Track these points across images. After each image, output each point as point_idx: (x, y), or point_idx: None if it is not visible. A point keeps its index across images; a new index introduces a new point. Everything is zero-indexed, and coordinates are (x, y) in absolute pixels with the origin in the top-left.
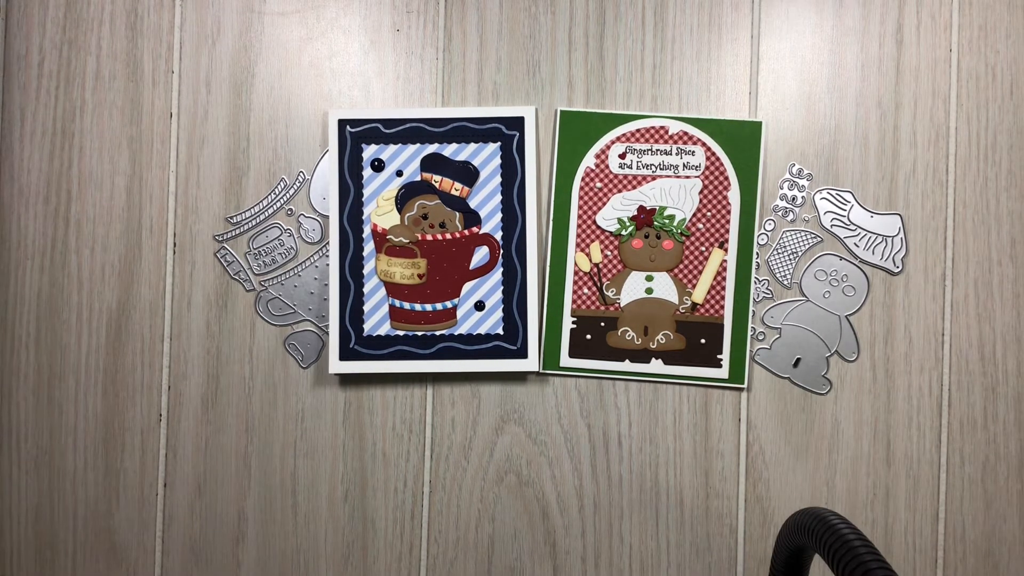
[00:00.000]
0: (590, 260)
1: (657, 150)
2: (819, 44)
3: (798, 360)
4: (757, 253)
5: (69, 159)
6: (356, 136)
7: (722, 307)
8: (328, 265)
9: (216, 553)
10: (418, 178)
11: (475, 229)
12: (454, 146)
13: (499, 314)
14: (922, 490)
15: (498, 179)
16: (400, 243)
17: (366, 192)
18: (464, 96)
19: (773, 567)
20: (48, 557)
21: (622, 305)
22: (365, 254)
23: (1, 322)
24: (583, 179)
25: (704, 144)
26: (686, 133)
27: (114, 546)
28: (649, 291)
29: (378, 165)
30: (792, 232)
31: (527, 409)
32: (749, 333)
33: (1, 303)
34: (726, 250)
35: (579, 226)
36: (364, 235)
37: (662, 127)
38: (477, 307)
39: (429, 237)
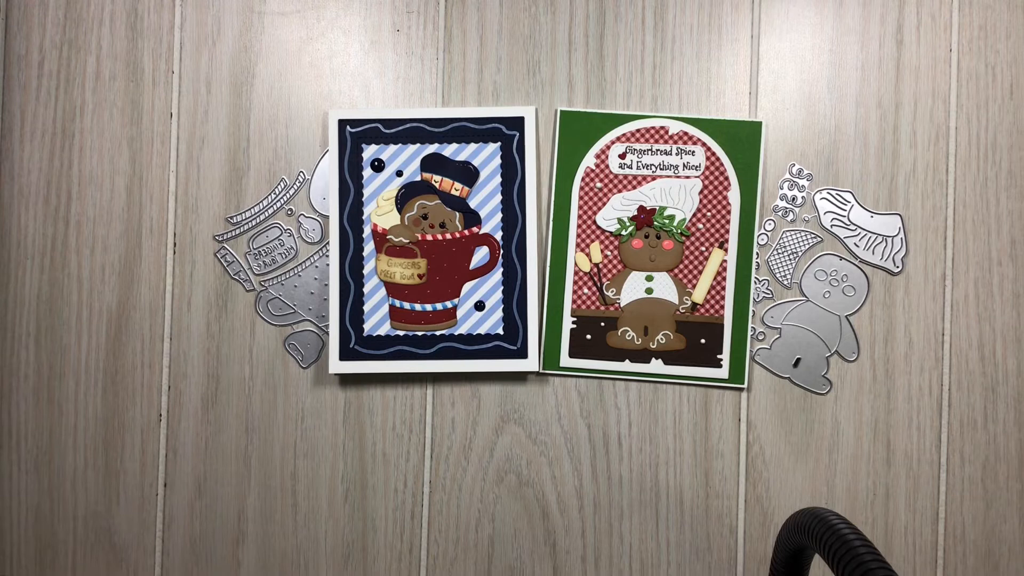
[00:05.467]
0: (590, 260)
1: (657, 150)
2: (819, 44)
3: (798, 360)
4: (757, 253)
5: (69, 159)
6: (356, 136)
7: (722, 307)
8: (328, 265)
9: (216, 553)
10: (418, 178)
11: (475, 229)
12: (454, 146)
13: (499, 314)
14: (922, 490)
15: (498, 179)
16: (400, 243)
17: (366, 192)
18: (464, 96)
19: (773, 567)
20: (48, 557)
21: (622, 305)
22: (365, 254)
23: (1, 322)
24: (583, 179)
25: (704, 144)
26: (686, 133)
27: (114, 546)
28: (649, 291)
29: (378, 165)
30: (792, 232)
31: (527, 409)
32: (749, 333)
33: (1, 303)
34: (726, 250)
35: (579, 226)
36: (364, 235)
37: (662, 127)
38: (477, 307)
39: (429, 237)
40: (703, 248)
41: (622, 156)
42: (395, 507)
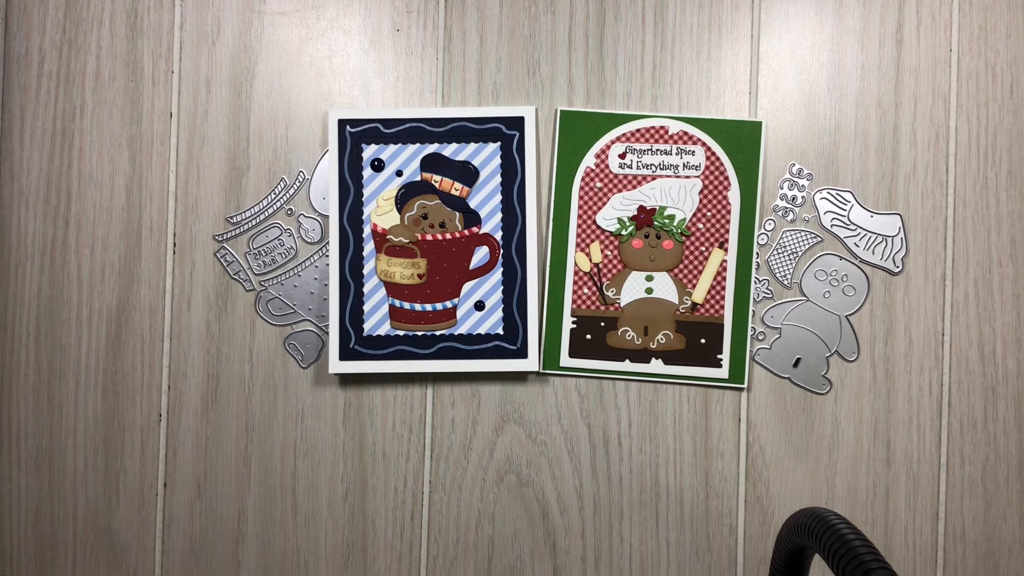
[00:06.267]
0: (590, 260)
1: (657, 150)
2: (819, 44)
3: (798, 360)
4: (757, 253)
5: (69, 159)
6: (356, 136)
7: (722, 307)
8: (328, 265)
9: (216, 553)
10: (418, 178)
11: (475, 229)
12: (454, 146)
13: (499, 314)
14: (922, 490)
15: (498, 179)
16: (400, 243)
17: (366, 192)
18: (464, 96)
19: (773, 567)
20: (48, 557)
21: (622, 305)
22: (365, 254)
23: (1, 322)
24: (583, 179)
25: (704, 144)
26: (686, 133)
27: (114, 546)
28: (649, 291)
29: (378, 165)
30: (792, 232)
31: (527, 409)
32: (749, 333)
33: (1, 303)
34: (726, 250)
35: (579, 226)
36: (364, 235)
37: (662, 127)
38: (477, 307)
39: (429, 237)
40: (703, 248)
41: (622, 156)
42: (395, 507)
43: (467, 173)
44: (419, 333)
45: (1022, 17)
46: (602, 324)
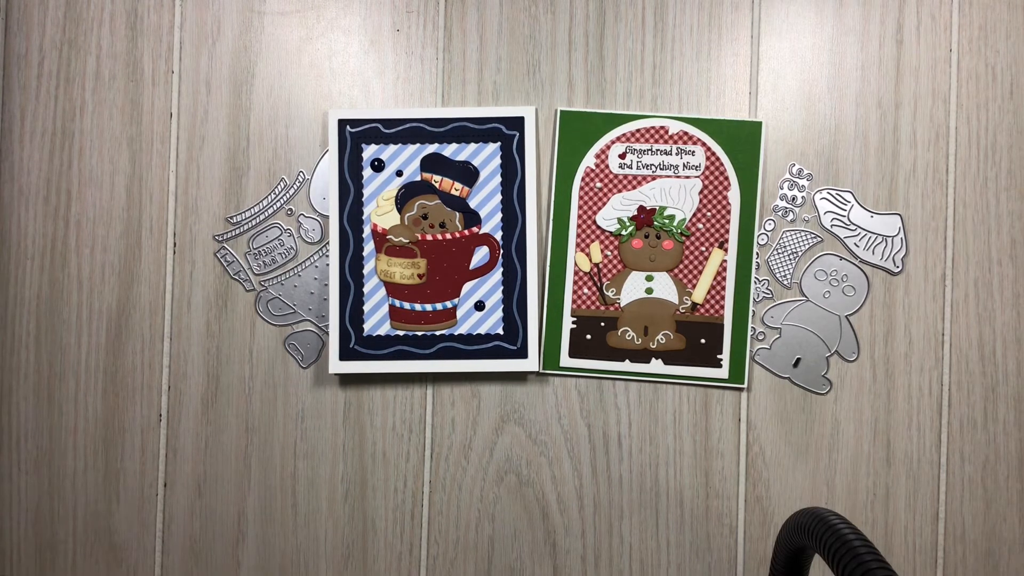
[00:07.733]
0: (590, 260)
1: (657, 150)
2: (819, 44)
3: (798, 360)
4: (757, 253)
5: (69, 159)
6: (356, 136)
7: (722, 307)
8: (328, 265)
9: (216, 553)
10: (418, 178)
11: (475, 229)
12: (454, 146)
13: (499, 314)
14: (922, 490)
15: (498, 179)
16: (400, 243)
17: (366, 192)
18: (464, 96)
19: (773, 567)
20: (48, 557)
21: (622, 305)
22: (365, 254)
23: (1, 322)
24: (583, 179)
25: (704, 144)
26: (686, 133)
27: (114, 546)
28: (649, 291)
29: (378, 165)
30: (792, 232)
31: (527, 409)
32: (749, 333)
33: (1, 303)
34: (726, 250)
35: (579, 226)
36: (364, 235)
37: (662, 127)
38: (477, 307)
39: (429, 237)
40: (703, 248)
41: (622, 156)
42: (395, 507)
43: (467, 173)
44: (419, 333)
45: (1022, 17)
46: (602, 324)
